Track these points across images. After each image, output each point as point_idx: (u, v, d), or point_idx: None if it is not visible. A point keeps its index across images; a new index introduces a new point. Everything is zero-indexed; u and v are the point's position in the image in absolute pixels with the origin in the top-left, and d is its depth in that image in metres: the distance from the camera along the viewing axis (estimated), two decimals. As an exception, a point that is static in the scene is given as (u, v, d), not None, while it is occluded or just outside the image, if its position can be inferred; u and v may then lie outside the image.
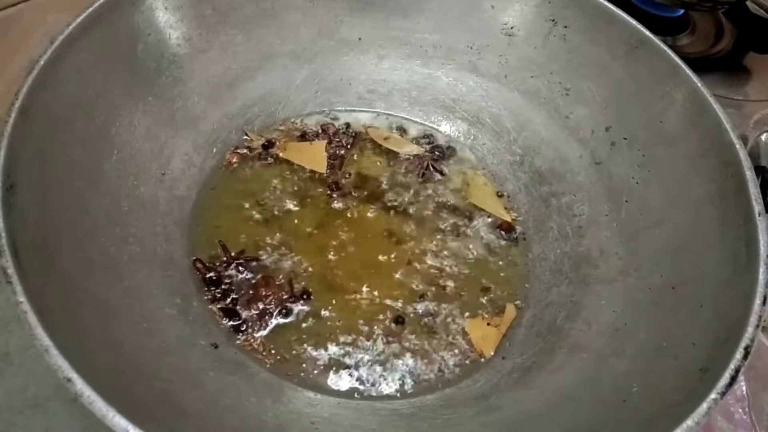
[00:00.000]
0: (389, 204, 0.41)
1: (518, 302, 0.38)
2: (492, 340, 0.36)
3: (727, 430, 0.35)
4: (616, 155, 0.40)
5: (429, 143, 0.45)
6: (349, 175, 0.42)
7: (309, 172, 0.42)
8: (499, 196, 0.43)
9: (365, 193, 0.42)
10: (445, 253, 0.40)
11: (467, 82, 0.46)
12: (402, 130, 0.46)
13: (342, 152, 0.43)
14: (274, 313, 0.35)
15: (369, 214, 0.41)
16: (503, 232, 0.41)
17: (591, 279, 0.37)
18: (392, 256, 0.39)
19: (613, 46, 0.40)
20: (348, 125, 0.45)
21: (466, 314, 0.37)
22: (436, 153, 0.45)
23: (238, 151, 0.42)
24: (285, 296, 0.36)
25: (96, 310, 0.28)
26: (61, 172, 0.30)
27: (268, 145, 0.43)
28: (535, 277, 0.39)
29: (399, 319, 0.36)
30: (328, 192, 0.41)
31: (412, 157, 0.44)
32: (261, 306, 0.35)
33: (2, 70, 0.43)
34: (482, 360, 0.36)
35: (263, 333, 0.35)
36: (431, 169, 0.43)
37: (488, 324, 0.37)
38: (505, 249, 0.41)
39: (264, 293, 0.36)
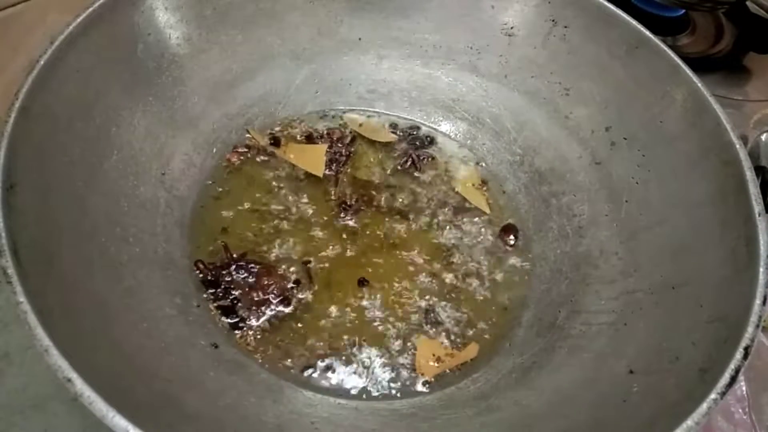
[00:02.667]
0: (385, 206, 0.41)
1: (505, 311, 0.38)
2: (435, 368, 0.35)
3: (727, 430, 0.35)
4: (616, 155, 0.40)
5: (409, 134, 0.45)
6: (349, 193, 0.42)
7: (308, 173, 0.42)
8: (483, 182, 0.44)
9: (362, 196, 0.41)
10: (443, 254, 0.40)
11: (467, 82, 0.46)
12: (394, 126, 0.46)
13: (342, 161, 0.43)
14: (275, 302, 0.35)
15: (367, 217, 0.41)
16: (507, 238, 0.41)
17: (591, 279, 0.37)
18: (390, 257, 0.39)
19: (613, 46, 0.40)
20: (353, 139, 0.44)
21: (420, 335, 0.36)
22: (417, 143, 0.45)
23: (239, 150, 0.42)
24: (287, 285, 0.36)
25: (96, 310, 0.28)
26: (61, 172, 0.30)
27: (275, 142, 0.43)
28: (535, 277, 0.39)
29: (363, 282, 0.37)
30: (336, 211, 0.40)
31: (398, 150, 0.44)
32: (262, 295, 0.35)
33: (2, 70, 0.43)
34: (459, 369, 0.35)
35: (264, 319, 0.35)
36: (417, 161, 0.44)
37: (438, 358, 0.35)
38: (504, 252, 0.41)
39: (266, 282, 0.36)
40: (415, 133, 0.46)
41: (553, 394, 0.32)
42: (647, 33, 0.39)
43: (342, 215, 0.40)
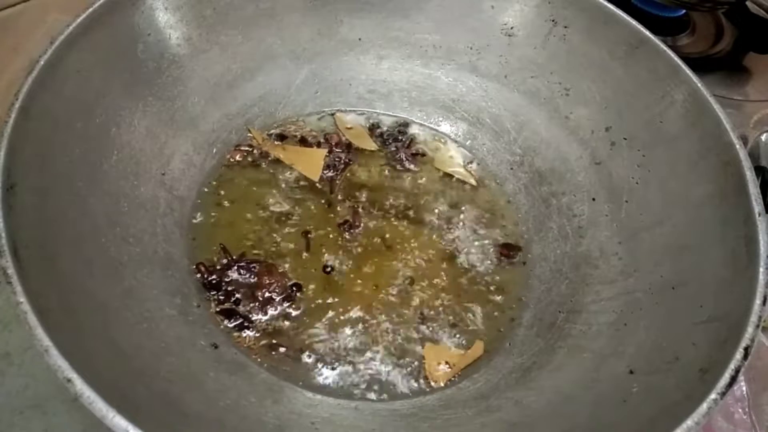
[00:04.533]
0: (382, 208, 0.41)
1: (510, 318, 0.38)
2: (447, 372, 0.35)
3: (727, 430, 0.35)
4: (616, 155, 0.40)
5: (390, 134, 0.45)
6: (345, 197, 0.41)
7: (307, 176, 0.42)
8: (469, 163, 0.44)
9: (358, 199, 0.41)
10: (441, 254, 0.40)
11: (467, 82, 0.46)
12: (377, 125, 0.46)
13: (341, 167, 0.42)
14: (278, 299, 0.35)
15: (365, 219, 0.40)
16: (504, 257, 0.40)
17: (591, 279, 0.37)
18: (389, 258, 0.39)
19: (613, 46, 0.40)
20: (350, 146, 0.44)
21: (427, 342, 0.36)
22: (398, 143, 0.45)
23: (242, 148, 0.42)
24: (288, 283, 0.36)
25: (96, 310, 0.28)
26: (61, 172, 0.30)
27: (281, 137, 0.43)
28: (535, 277, 0.39)
29: (327, 268, 0.36)
30: (334, 215, 0.40)
31: (390, 151, 0.44)
32: (265, 294, 0.35)
33: (2, 70, 0.43)
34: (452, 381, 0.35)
35: (267, 319, 0.35)
36: (408, 159, 0.44)
37: (448, 363, 0.35)
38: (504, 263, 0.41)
39: (267, 281, 0.36)
40: (390, 130, 0.45)
41: (553, 394, 0.32)
42: (647, 33, 0.39)
43: (341, 220, 0.40)
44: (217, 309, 0.35)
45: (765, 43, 0.57)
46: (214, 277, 0.36)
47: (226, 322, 0.34)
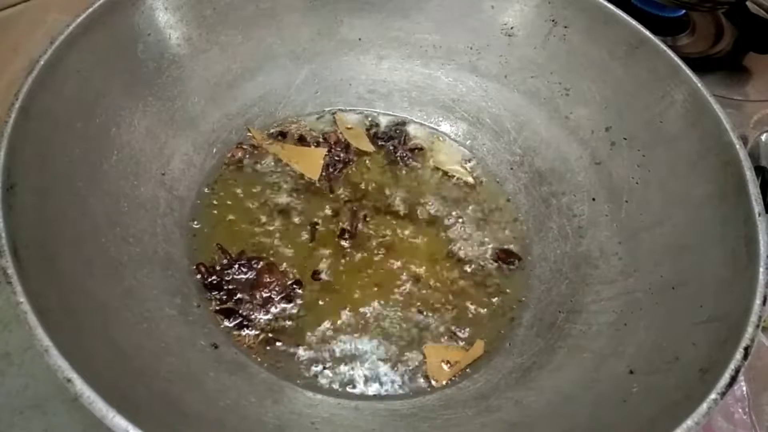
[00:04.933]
0: (381, 207, 0.41)
1: (511, 317, 0.38)
2: (448, 372, 0.35)
3: (727, 430, 0.35)
4: (616, 155, 0.40)
5: (387, 133, 0.45)
6: (346, 197, 0.41)
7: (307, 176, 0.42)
8: (467, 161, 0.44)
9: (357, 199, 0.41)
10: (441, 255, 0.40)
11: (467, 82, 0.46)
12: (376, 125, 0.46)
13: (339, 167, 0.42)
14: (277, 298, 0.35)
15: (364, 219, 0.40)
16: (503, 262, 0.40)
17: (591, 279, 0.37)
18: (388, 258, 0.39)
19: (613, 46, 0.40)
20: (348, 145, 0.44)
21: (428, 341, 0.36)
22: (395, 142, 0.45)
23: (242, 147, 0.42)
24: (288, 282, 0.36)
25: (96, 310, 0.28)
26: (61, 172, 0.30)
27: (282, 135, 0.43)
28: (535, 277, 0.39)
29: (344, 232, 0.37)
30: (334, 215, 0.40)
31: (388, 150, 0.44)
32: (265, 293, 0.35)
33: (2, 70, 0.43)
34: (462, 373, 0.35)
35: (267, 318, 0.35)
36: (406, 157, 0.44)
37: (449, 362, 0.35)
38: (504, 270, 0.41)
39: (267, 280, 0.36)
40: (387, 129, 0.45)
41: (553, 394, 0.32)
42: (647, 33, 0.39)
43: (341, 218, 0.40)
44: (217, 308, 0.35)
45: (765, 43, 0.57)
46: (214, 277, 0.36)
47: (225, 321, 0.34)
